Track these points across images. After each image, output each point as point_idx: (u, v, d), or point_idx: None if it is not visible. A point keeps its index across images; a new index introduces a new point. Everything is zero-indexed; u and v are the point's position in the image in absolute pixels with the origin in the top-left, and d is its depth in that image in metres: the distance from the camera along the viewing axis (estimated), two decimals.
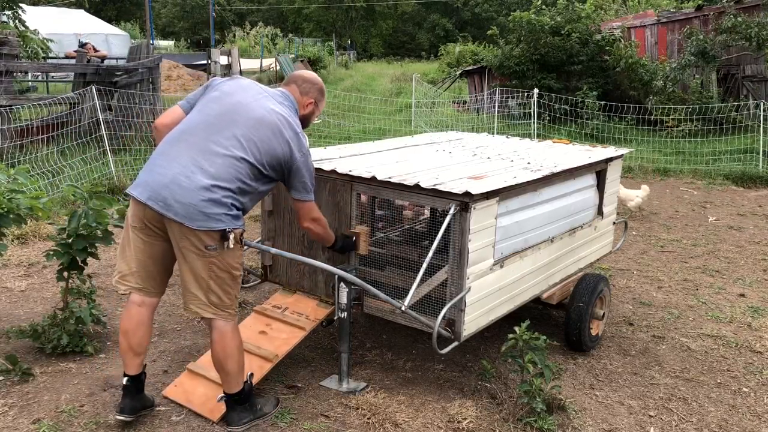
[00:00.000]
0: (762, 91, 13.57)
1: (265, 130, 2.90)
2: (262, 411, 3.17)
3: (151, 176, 2.83)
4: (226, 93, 2.99)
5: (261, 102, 2.98)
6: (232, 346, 2.98)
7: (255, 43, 33.01)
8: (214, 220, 2.77)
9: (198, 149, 2.82)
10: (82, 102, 8.99)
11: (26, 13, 12.34)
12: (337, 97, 15.98)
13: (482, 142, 5.02)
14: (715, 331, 4.60)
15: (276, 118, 2.94)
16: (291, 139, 2.95)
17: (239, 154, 2.84)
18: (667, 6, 18.92)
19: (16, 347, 3.81)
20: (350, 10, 51.72)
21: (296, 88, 3.19)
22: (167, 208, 2.75)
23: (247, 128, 2.88)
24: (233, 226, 2.83)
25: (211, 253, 2.82)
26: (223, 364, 2.98)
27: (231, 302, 2.99)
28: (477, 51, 25.91)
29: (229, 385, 3.03)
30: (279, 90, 3.17)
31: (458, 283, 3.20)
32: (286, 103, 3.09)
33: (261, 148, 2.88)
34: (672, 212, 8.29)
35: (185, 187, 2.75)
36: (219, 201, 2.77)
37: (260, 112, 2.93)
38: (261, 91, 3.05)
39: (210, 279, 2.87)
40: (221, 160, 2.81)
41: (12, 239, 5.73)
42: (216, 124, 2.88)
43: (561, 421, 3.32)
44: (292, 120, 3.03)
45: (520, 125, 13.09)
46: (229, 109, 2.92)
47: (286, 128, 2.96)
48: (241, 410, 3.08)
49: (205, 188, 2.75)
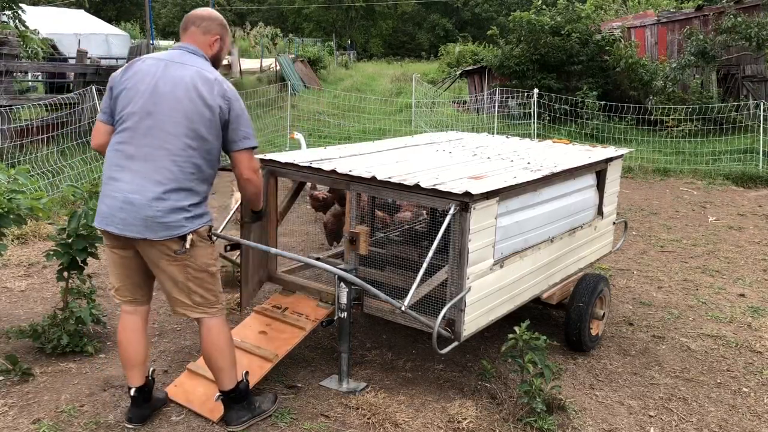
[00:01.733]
0: (762, 91, 13.57)
1: (185, 104, 2.74)
2: (261, 408, 3.17)
3: (104, 203, 2.80)
4: (132, 89, 2.80)
5: (166, 78, 2.78)
6: (220, 340, 2.98)
7: (255, 43, 32.98)
8: (175, 228, 2.74)
9: (138, 161, 2.74)
10: (82, 102, 8.99)
11: (26, 13, 12.33)
12: (337, 97, 15.98)
13: (482, 142, 5.02)
14: (715, 331, 4.60)
15: (186, 85, 2.76)
16: (209, 93, 2.77)
17: (176, 146, 2.73)
18: (667, 6, 18.92)
19: (16, 347, 3.81)
20: (350, 10, 51.70)
21: (195, 29, 2.94)
22: (125, 228, 2.73)
23: (169, 117, 2.74)
24: (195, 227, 2.79)
25: (182, 257, 2.80)
26: (214, 360, 2.98)
27: (215, 298, 2.97)
28: (477, 51, 25.92)
29: (222, 382, 3.02)
30: (175, 47, 2.94)
31: (458, 283, 3.20)
32: (187, 58, 2.87)
33: (192, 125, 2.75)
34: (672, 212, 8.29)
35: (137, 203, 2.71)
36: (174, 207, 2.73)
37: (171, 90, 2.76)
38: (160, 64, 2.83)
39: (188, 281, 2.86)
40: (163, 162, 2.72)
41: (12, 239, 5.73)
42: (141, 129, 2.75)
43: (561, 421, 3.32)
44: (203, 72, 2.82)
45: (520, 125, 13.08)
46: (145, 108, 2.75)
47: (200, 86, 2.77)
48: (238, 409, 3.08)
49: (157, 199, 2.71)
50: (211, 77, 2.82)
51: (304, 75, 21.78)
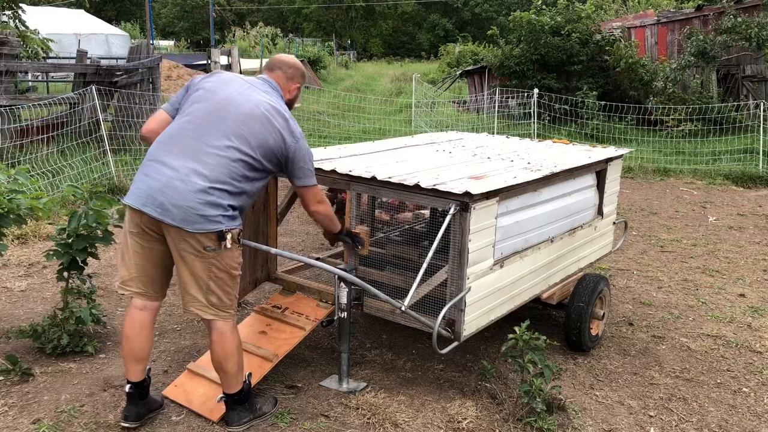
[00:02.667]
0: (762, 91, 13.57)
1: (255, 124, 2.87)
2: (261, 410, 3.17)
3: (144, 183, 2.82)
4: (210, 91, 2.95)
5: (246, 95, 2.94)
6: (231, 346, 2.99)
7: (255, 43, 33.00)
8: (212, 222, 2.77)
9: (190, 152, 2.80)
10: (82, 102, 8.99)
11: (26, 13, 12.33)
12: (337, 97, 15.98)
13: (482, 142, 5.02)
14: (715, 331, 4.60)
15: (264, 109, 2.91)
16: (282, 127, 2.93)
17: (232, 154, 2.82)
18: (667, 6, 18.92)
19: (16, 347, 3.81)
20: (350, 10, 51.74)
21: (281, 74, 3.14)
22: (164, 213, 2.75)
23: (236, 124, 2.85)
24: (230, 227, 2.83)
25: (210, 254, 2.82)
26: (223, 365, 2.98)
27: (231, 302, 2.99)
28: (477, 51, 25.94)
29: (229, 386, 3.03)
30: (260, 78, 3.13)
31: (458, 283, 3.20)
32: (270, 91, 3.05)
33: (253, 143, 2.86)
34: (672, 212, 8.29)
35: (181, 190, 2.74)
36: (215, 203, 2.77)
37: (248, 106, 2.90)
38: (244, 83, 3.01)
39: (209, 280, 2.87)
40: (214, 161, 2.79)
41: (12, 239, 5.73)
42: (205, 124, 2.85)
43: (561, 421, 3.32)
44: (280, 107, 2.99)
45: (520, 125, 13.09)
46: (216, 107, 2.89)
47: (276, 117, 2.92)
48: (240, 410, 3.08)
49: (202, 191, 2.75)
50: (286, 114, 2.99)
51: None
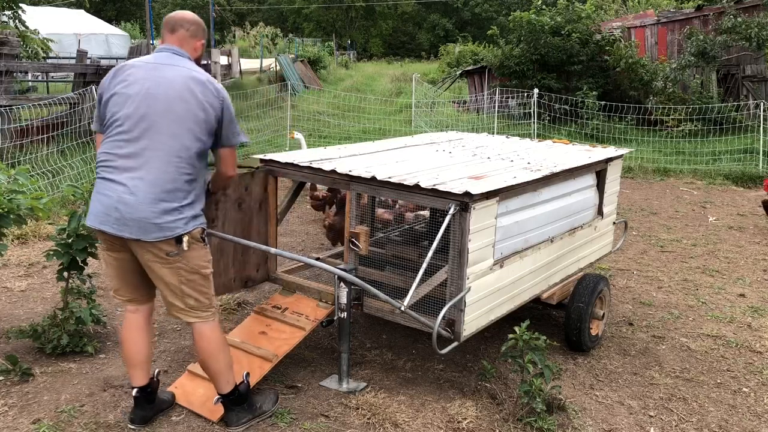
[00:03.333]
0: (762, 91, 13.57)
1: (180, 106, 2.76)
2: (261, 409, 3.17)
3: (99, 201, 2.79)
4: (124, 94, 2.79)
5: (158, 80, 2.79)
6: (212, 345, 2.97)
7: (255, 43, 32.99)
8: (169, 229, 2.74)
9: (131, 162, 2.73)
10: (82, 102, 8.99)
11: (26, 13, 12.33)
12: (337, 97, 15.98)
13: (482, 142, 5.02)
14: (715, 331, 4.60)
15: (180, 86, 2.78)
16: (203, 93, 2.80)
17: (172, 148, 2.74)
18: (667, 6, 18.91)
19: (16, 347, 3.81)
20: (350, 10, 51.72)
21: (184, 32, 2.95)
22: (121, 228, 2.74)
23: (162, 116, 2.74)
24: (189, 228, 2.79)
25: (174, 259, 2.80)
26: (208, 365, 2.98)
27: (209, 301, 2.97)
28: (477, 51, 25.92)
29: (220, 385, 3.02)
30: (162, 48, 2.93)
31: (458, 283, 3.20)
32: (176, 59, 2.87)
33: (186, 126, 2.76)
34: (672, 212, 8.29)
35: (132, 203, 2.70)
36: (168, 209, 2.73)
37: (161, 90, 2.76)
38: (150, 69, 2.83)
39: (181, 284, 2.86)
40: (157, 164, 2.72)
41: (12, 239, 5.73)
42: (134, 129, 2.75)
43: (561, 421, 3.32)
44: (194, 73, 2.84)
45: (520, 125, 13.08)
46: (137, 110, 2.75)
47: (195, 87, 2.79)
48: (239, 410, 3.08)
49: (152, 200, 2.71)
50: (203, 78, 2.86)
51: (304, 75, 21.78)
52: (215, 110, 2.84)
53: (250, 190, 3.77)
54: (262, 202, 3.88)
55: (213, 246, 3.58)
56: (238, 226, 3.73)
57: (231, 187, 3.63)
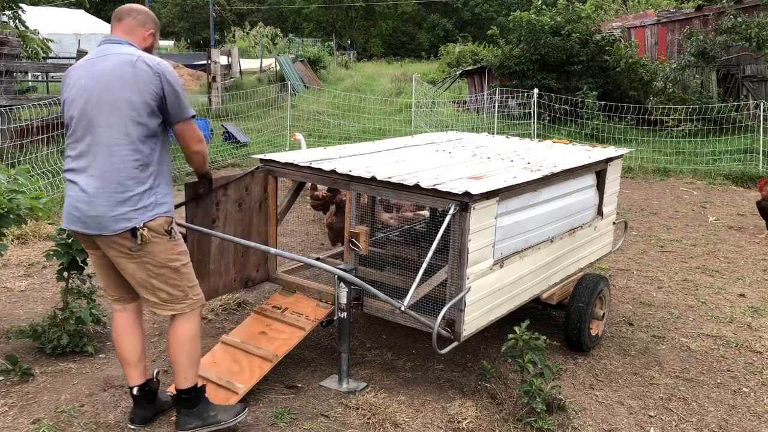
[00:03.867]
0: (762, 91, 13.57)
1: (111, 94, 2.69)
2: (215, 419, 2.99)
3: (66, 202, 2.84)
4: (70, 98, 2.80)
5: (91, 74, 2.75)
6: (183, 334, 2.93)
7: (255, 43, 32.98)
8: (123, 221, 2.71)
9: (83, 160, 2.75)
10: None
11: (26, 13, 12.33)
12: (337, 97, 15.99)
13: (482, 142, 5.02)
14: (715, 331, 4.60)
15: (108, 74, 2.71)
16: (132, 75, 2.70)
17: (113, 138, 2.70)
18: (667, 6, 18.91)
19: (16, 347, 3.81)
20: (350, 10, 51.74)
21: (131, 20, 2.88)
22: (84, 226, 2.76)
23: (98, 110, 2.70)
24: (146, 218, 2.73)
25: (138, 253, 2.77)
26: (172, 353, 2.96)
27: (183, 294, 2.91)
28: (477, 51, 25.92)
29: (178, 379, 2.97)
30: (103, 41, 2.88)
31: (458, 283, 3.20)
32: (111, 48, 2.80)
33: (123, 112, 2.69)
34: (672, 212, 8.29)
35: (87, 200, 2.72)
36: (121, 200, 2.70)
37: (93, 83, 2.72)
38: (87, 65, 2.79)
39: (150, 278, 2.83)
40: (103, 158, 2.70)
41: (12, 239, 5.73)
42: (79, 127, 2.76)
43: (561, 421, 3.32)
44: (123, 56, 2.75)
45: (520, 125, 13.08)
46: (81, 108, 2.75)
47: (124, 69, 2.71)
48: (186, 414, 2.98)
49: (103, 194, 2.71)
50: (133, 59, 2.74)
51: (304, 75, 21.78)
52: (153, 88, 2.72)
53: (250, 190, 3.77)
54: (262, 203, 3.88)
55: (213, 246, 3.60)
56: (239, 226, 3.73)
57: (231, 187, 3.63)
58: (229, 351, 3.50)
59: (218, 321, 4.37)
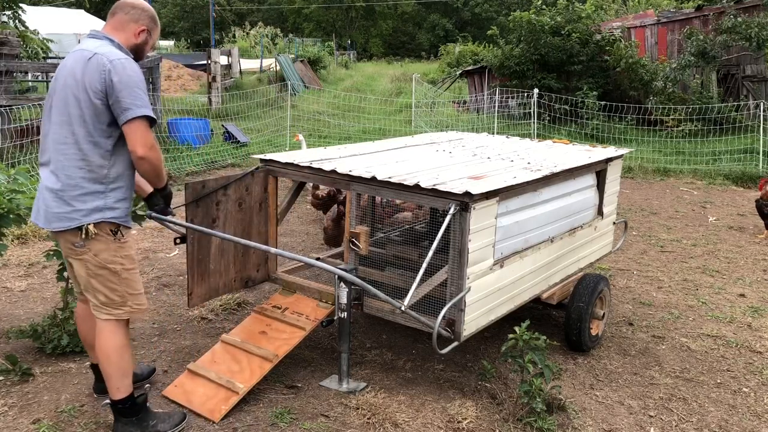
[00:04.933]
0: (762, 91, 13.57)
1: (63, 93, 2.67)
2: (154, 428, 2.94)
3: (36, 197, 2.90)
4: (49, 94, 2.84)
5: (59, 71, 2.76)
6: (107, 345, 2.85)
7: (255, 43, 32.98)
8: (65, 220, 2.71)
9: (45, 156, 2.79)
10: None
11: (26, 13, 12.34)
12: (337, 97, 15.99)
13: (482, 142, 5.02)
14: (715, 331, 4.60)
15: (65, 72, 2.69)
16: (81, 73, 2.63)
17: (61, 136, 2.67)
18: (667, 6, 18.92)
19: (16, 347, 3.82)
20: (350, 10, 51.75)
21: (123, 15, 2.81)
22: (42, 220, 2.79)
23: (55, 107, 2.71)
24: (92, 220, 2.70)
25: (81, 251, 2.76)
26: (101, 365, 2.90)
27: (121, 299, 2.84)
28: (477, 51, 25.94)
29: (110, 390, 2.89)
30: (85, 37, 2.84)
31: (458, 283, 3.20)
32: (83, 44, 2.75)
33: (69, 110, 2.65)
34: (672, 212, 8.29)
35: (44, 196, 2.77)
36: (65, 198, 2.69)
37: (57, 81, 2.73)
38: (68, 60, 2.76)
39: (89, 277, 2.81)
40: (54, 155, 2.71)
41: (12, 239, 5.74)
42: (44, 125, 2.81)
43: (561, 421, 3.32)
44: (82, 53, 2.68)
45: (520, 125, 13.09)
46: (47, 102, 2.81)
47: (77, 67, 2.66)
48: (125, 423, 2.91)
49: (51, 190, 2.73)
50: (88, 54, 2.65)
51: (304, 75, 21.78)
52: (99, 85, 2.60)
53: (250, 190, 3.78)
54: (263, 202, 3.88)
55: (213, 246, 3.60)
56: (239, 226, 3.74)
57: (231, 187, 3.63)
58: (229, 350, 3.50)
59: (218, 321, 4.37)
